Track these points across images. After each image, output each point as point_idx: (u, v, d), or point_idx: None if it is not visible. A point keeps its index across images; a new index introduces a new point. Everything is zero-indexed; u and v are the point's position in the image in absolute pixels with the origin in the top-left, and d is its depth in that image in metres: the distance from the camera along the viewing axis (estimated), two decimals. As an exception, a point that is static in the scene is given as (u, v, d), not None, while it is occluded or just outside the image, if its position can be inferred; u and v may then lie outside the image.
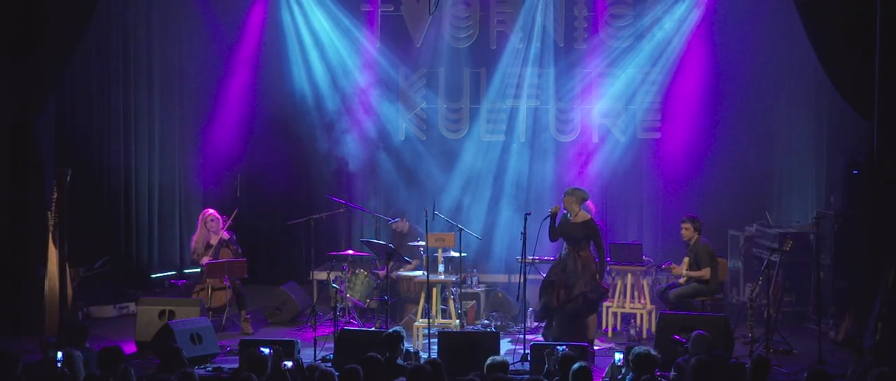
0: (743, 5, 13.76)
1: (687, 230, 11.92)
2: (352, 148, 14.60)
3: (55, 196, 10.95)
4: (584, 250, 11.18)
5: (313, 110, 14.62)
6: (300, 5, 14.60)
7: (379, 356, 8.68)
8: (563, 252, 11.31)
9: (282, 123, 14.81)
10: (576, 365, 8.16)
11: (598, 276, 11.15)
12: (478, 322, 12.58)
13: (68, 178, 10.99)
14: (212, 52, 14.81)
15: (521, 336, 11.26)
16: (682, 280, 11.95)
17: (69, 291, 10.94)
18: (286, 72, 14.70)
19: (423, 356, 10.55)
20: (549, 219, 11.26)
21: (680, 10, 13.98)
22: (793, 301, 12.54)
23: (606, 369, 9.62)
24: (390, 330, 9.63)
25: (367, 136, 14.62)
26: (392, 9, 14.52)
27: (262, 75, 14.82)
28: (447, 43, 14.44)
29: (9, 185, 12.00)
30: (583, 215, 11.26)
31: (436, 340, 10.66)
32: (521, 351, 10.94)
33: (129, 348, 11.05)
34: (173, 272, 14.54)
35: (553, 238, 11.37)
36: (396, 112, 14.66)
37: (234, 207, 13.36)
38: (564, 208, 11.35)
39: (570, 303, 11.09)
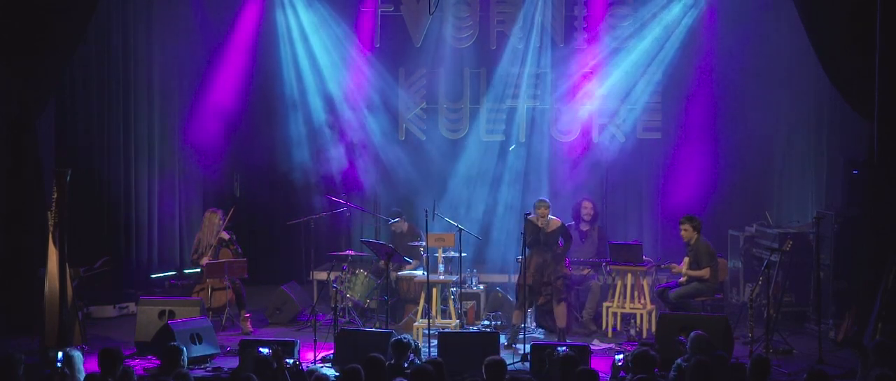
0: (742, 5, 13.76)
1: (686, 231, 11.95)
2: (352, 148, 14.61)
3: (55, 196, 10.93)
4: (554, 250, 11.66)
5: (313, 110, 14.62)
6: (300, 5, 14.59)
7: (381, 357, 8.68)
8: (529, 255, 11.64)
9: (282, 122, 14.79)
10: (580, 368, 8.22)
11: (563, 270, 11.77)
12: (478, 322, 12.58)
13: (68, 178, 10.97)
14: (212, 52, 14.79)
15: (522, 336, 11.28)
16: (682, 279, 11.97)
17: (69, 291, 10.93)
18: (286, 72, 14.70)
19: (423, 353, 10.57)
20: (534, 230, 11.59)
21: (679, 10, 13.97)
22: (793, 301, 12.52)
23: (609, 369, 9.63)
24: (400, 337, 9.66)
25: (368, 136, 14.62)
26: (392, 9, 14.52)
27: (262, 75, 14.82)
28: (447, 43, 14.44)
29: (9, 185, 12.00)
30: (555, 222, 11.64)
31: (436, 340, 10.67)
32: (521, 351, 10.97)
33: (129, 348, 11.06)
34: (173, 272, 14.54)
35: (531, 246, 11.67)
36: (396, 112, 14.66)
37: (234, 207, 13.35)
38: (543, 218, 11.62)
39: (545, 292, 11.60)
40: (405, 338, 9.66)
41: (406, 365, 9.24)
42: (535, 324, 12.04)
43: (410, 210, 13.71)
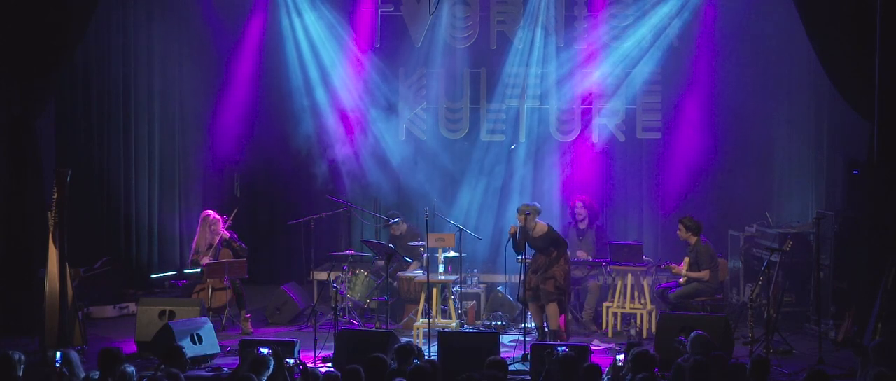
0: (743, 6, 13.74)
1: (680, 231, 11.98)
2: (352, 148, 14.61)
3: (55, 196, 10.94)
4: (549, 254, 11.46)
5: (313, 110, 14.62)
6: (299, 7, 14.59)
7: (383, 357, 8.68)
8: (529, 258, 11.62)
9: (281, 123, 14.80)
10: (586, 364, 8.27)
11: (559, 273, 11.47)
12: (478, 322, 12.58)
13: (68, 178, 10.98)
14: (211, 52, 14.81)
15: (521, 336, 11.28)
16: (682, 280, 11.97)
17: (69, 291, 10.94)
18: (286, 72, 14.70)
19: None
20: (511, 239, 11.46)
21: (679, 10, 13.96)
22: (793, 301, 12.52)
23: (606, 369, 9.62)
24: (404, 342, 9.64)
25: (367, 136, 14.62)
26: (392, 9, 14.52)
27: (261, 76, 14.82)
28: (447, 43, 14.43)
29: (9, 185, 12.00)
30: (541, 228, 11.46)
31: (436, 340, 10.66)
32: (521, 351, 10.97)
33: (129, 348, 11.06)
34: (173, 272, 14.54)
35: (519, 251, 11.58)
36: (396, 112, 14.66)
37: (234, 207, 13.35)
38: (521, 224, 11.48)
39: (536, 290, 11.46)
40: (408, 343, 9.63)
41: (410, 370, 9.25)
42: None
43: (411, 211, 13.69)
